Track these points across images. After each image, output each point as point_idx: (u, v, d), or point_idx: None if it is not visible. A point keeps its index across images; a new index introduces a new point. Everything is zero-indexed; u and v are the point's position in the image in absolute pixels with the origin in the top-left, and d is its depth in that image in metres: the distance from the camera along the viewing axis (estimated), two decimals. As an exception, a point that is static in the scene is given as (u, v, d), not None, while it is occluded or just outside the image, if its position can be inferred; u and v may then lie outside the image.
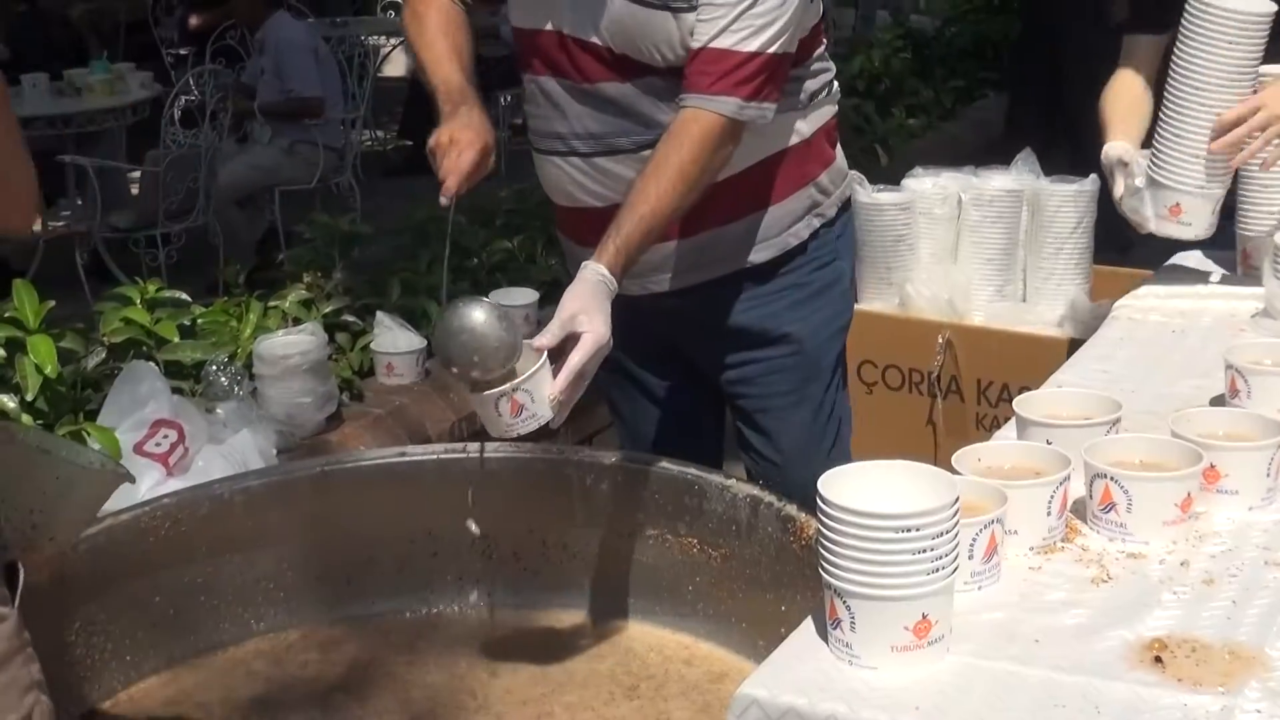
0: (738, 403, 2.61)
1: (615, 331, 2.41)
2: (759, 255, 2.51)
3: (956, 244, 3.65)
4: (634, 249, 2.25)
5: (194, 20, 8.95)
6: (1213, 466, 1.73)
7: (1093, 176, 3.61)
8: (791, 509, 2.04)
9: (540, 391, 2.03)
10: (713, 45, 2.28)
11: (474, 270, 4.14)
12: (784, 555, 1.98)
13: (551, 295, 3.96)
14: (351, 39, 8.39)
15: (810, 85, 2.48)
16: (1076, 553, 1.66)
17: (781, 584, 1.96)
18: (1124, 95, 2.85)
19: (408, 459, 2.32)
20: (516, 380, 2.03)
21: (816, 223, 2.52)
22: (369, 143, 8.53)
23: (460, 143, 2.32)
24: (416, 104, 8.45)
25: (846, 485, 1.47)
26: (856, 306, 2.85)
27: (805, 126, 2.48)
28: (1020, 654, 1.45)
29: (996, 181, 3.62)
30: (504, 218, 4.70)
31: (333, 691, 2.12)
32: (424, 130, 2.56)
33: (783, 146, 2.45)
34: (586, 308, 2.13)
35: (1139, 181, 2.53)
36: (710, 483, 2.20)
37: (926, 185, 3.63)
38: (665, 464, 2.30)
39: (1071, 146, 4.27)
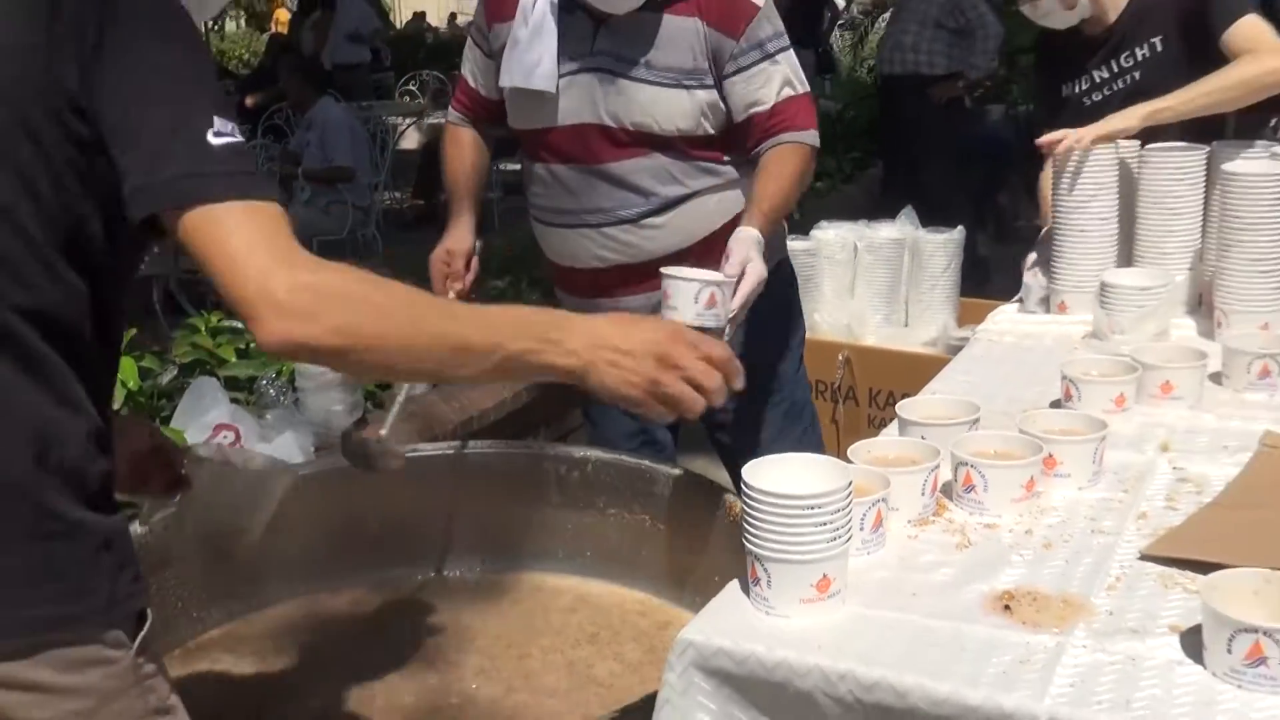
0: (716, 417, 2.53)
1: None
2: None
3: (854, 281, 3.75)
4: (772, 222, 2.35)
5: (250, 100, 8.93)
6: (1051, 456, 1.74)
7: (960, 227, 3.68)
8: (728, 492, 2.04)
9: (726, 300, 2.10)
10: (781, 98, 2.36)
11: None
12: (717, 528, 1.98)
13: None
14: (375, 119, 8.41)
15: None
16: (944, 524, 1.66)
17: (714, 551, 1.96)
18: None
19: (420, 454, 2.32)
20: (720, 278, 2.10)
21: (773, 263, 2.51)
22: (388, 201, 8.53)
23: (455, 255, 2.49)
24: (427, 171, 8.49)
25: (766, 473, 1.48)
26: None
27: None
28: (901, 604, 1.46)
29: (884, 232, 3.74)
30: (497, 262, 4.69)
31: (362, 634, 2.13)
32: (434, 192, 2.61)
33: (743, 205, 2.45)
34: (751, 254, 2.20)
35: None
36: (659, 471, 2.21)
37: (830, 235, 3.73)
38: (623, 457, 2.31)
39: (925, 202, 4.34)
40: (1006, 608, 1.43)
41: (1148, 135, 2.61)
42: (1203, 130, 2.68)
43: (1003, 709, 1.25)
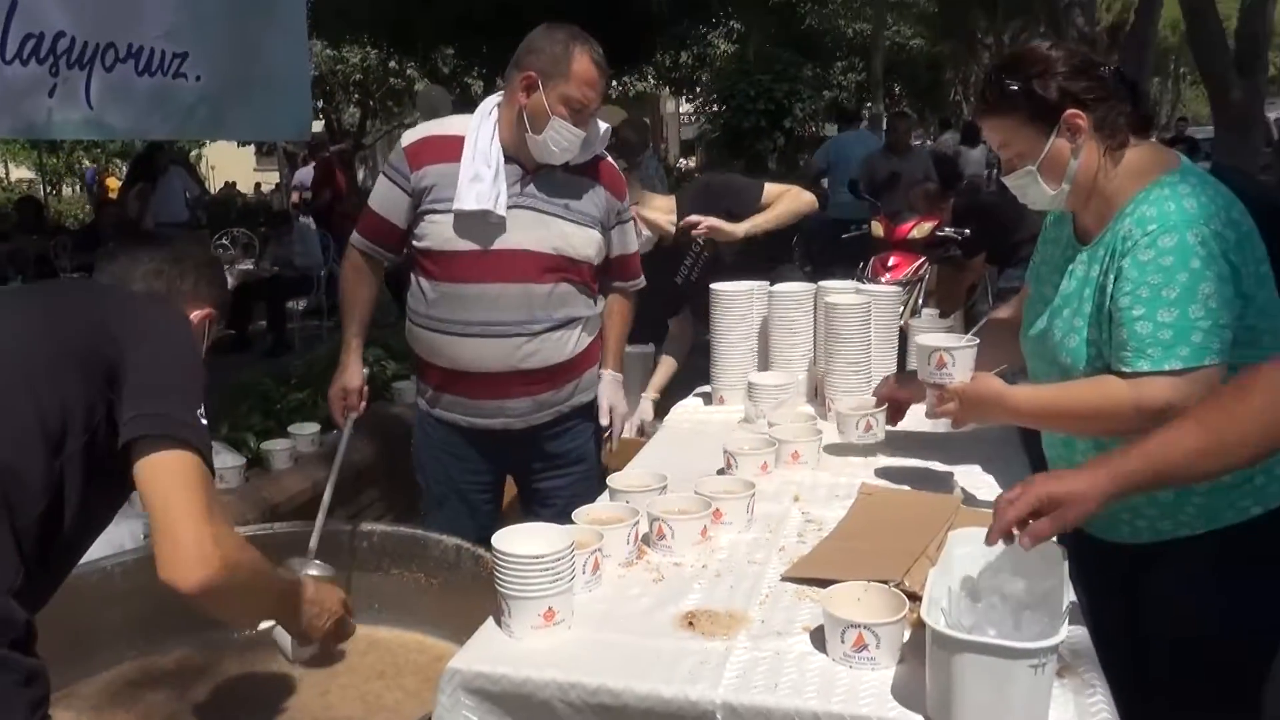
0: (549, 502, 2.49)
1: (456, 462, 2.44)
2: (584, 398, 2.49)
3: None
4: (618, 365, 2.57)
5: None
6: (718, 510, 1.79)
7: (651, 344, 3.73)
8: (480, 551, 2.01)
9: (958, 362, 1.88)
10: (631, 250, 2.55)
11: (277, 413, 3.88)
12: (478, 580, 1.95)
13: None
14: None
15: None
16: (645, 565, 1.67)
17: (474, 598, 1.92)
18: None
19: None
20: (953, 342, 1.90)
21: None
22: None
23: (351, 392, 2.42)
24: (237, 307, 7.99)
25: (514, 538, 1.48)
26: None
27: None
28: (615, 628, 1.47)
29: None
30: (297, 380, 4.38)
31: (188, 686, 1.96)
32: (244, 324, 2.48)
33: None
34: (615, 397, 2.54)
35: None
36: (430, 539, 2.15)
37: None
38: (401, 528, 2.24)
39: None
40: (690, 624, 1.46)
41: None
42: None
43: (689, 698, 1.28)
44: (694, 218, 3.10)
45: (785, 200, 3.21)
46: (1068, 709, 1.22)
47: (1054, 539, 1.34)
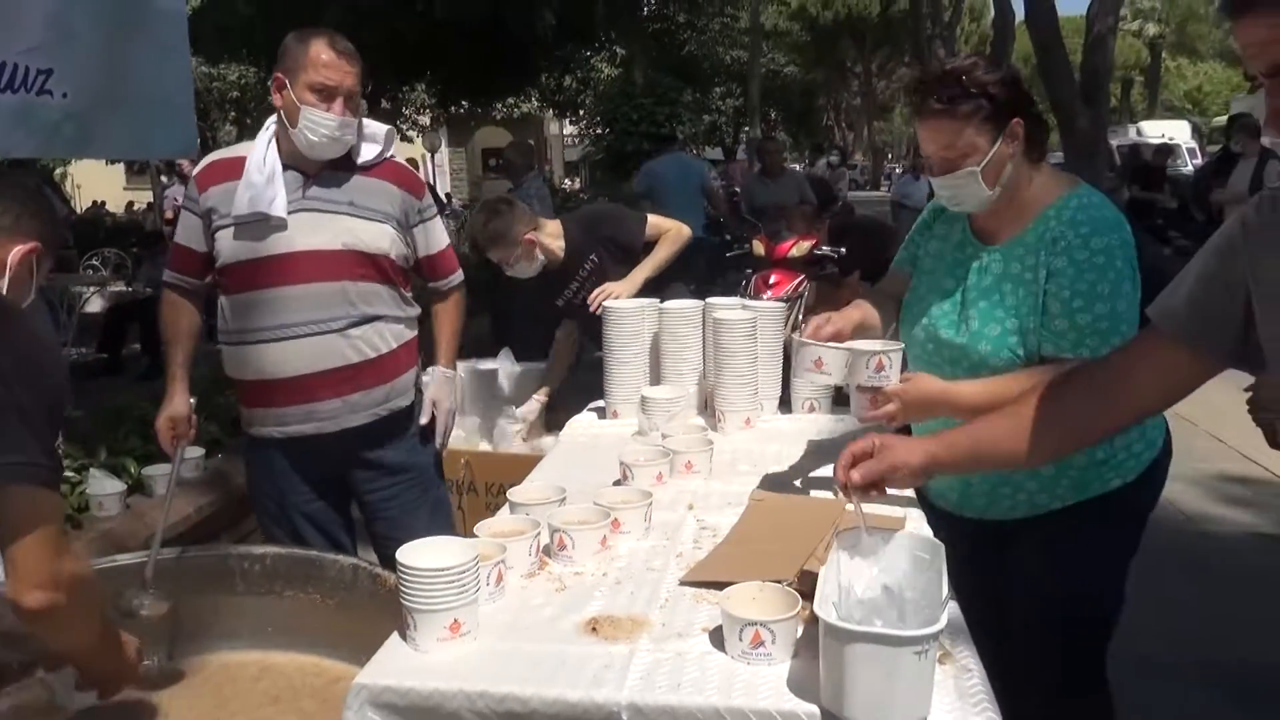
0: (382, 513, 2.47)
1: (285, 482, 2.40)
2: (401, 402, 2.46)
3: (465, 404, 3.71)
4: (453, 359, 2.59)
5: None
6: (617, 519, 1.81)
7: (546, 362, 3.75)
8: (378, 569, 1.99)
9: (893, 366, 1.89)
10: (432, 252, 2.50)
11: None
12: (376, 598, 1.92)
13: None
14: (60, 289, 7.53)
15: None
16: (547, 575, 1.68)
17: (370, 617, 1.88)
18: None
19: (117, 564, 2.10)
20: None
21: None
22: (74, 357, 7.60)
23: (178, 420, 2.39)
24: (110, 330, 7.76)
25: (418, 552, 1.48)
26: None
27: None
28: (520, 637, 1.47)
29: (485, 365, 3.72)
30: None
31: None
32: (117, 348, 2.42)
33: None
34: (442, 393, 2.52)
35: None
36: (326, 559, 2.10)
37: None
38: (295, 550, 2.19)
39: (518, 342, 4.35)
40: (594, 630, 1.47)
41: None
42: None
43: (595, 701, 1.30)
44: (592, 304, 3.18)
45: (666, 244, 3.38)
46: (948, 691, 1.29)
47: (933, 534, 1.43)
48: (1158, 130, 22.81)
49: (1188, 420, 5.06)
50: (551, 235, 3.30)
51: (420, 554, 1.48)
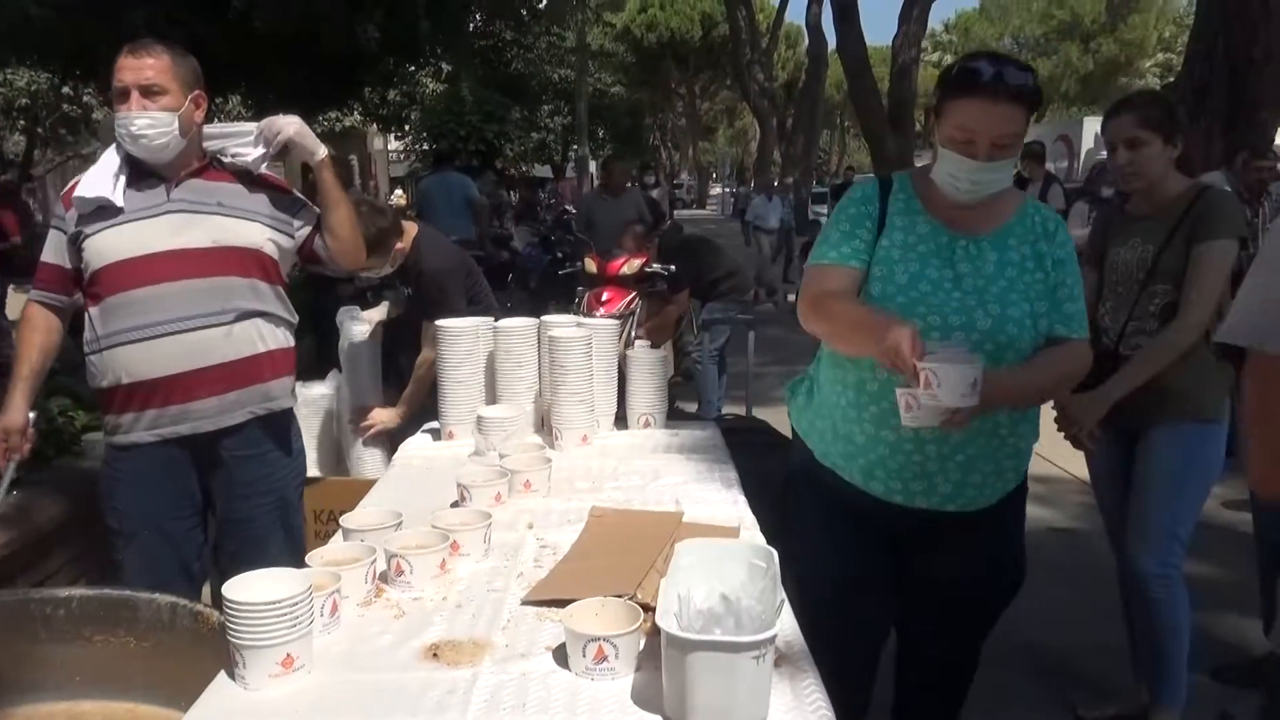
0: (238, 533, 2.39)
1: (149, 491, 2.31)
2: (278, 404, 2.42)
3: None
4: None
5: None
6: (456, 542, 1.80)
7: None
8: (199, 607, 1.89)
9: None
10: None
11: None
12: (199, 637, 1.82)
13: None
14: None
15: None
16: (384, 603, 1.65)
17: (196, 658, 1.80)
18: None
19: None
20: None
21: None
22: None
23: (11, 432, 2.29)
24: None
25: (246, 585, 1.42)
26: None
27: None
28: (357, 667, 1.44)
29: (317, 389, 3.57)
30: None
31: None
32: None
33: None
34: None
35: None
36: (140, 599, 1.96)
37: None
38: (106, 590, 2.03)
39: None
40: (435, 655, 1.46)
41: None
42: None
43: (439, 728, 1.28)
44: (358, 432, 3.28)
45: (420, 385, 3.33)
46: (785, 693, 1.34)
47: (763, 542, 1.48)
48: (958, 154, 24.40)
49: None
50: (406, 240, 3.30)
51: (249, 587, 1.42)
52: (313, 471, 3.49)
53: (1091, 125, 19.42)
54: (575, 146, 21.80)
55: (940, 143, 1.84)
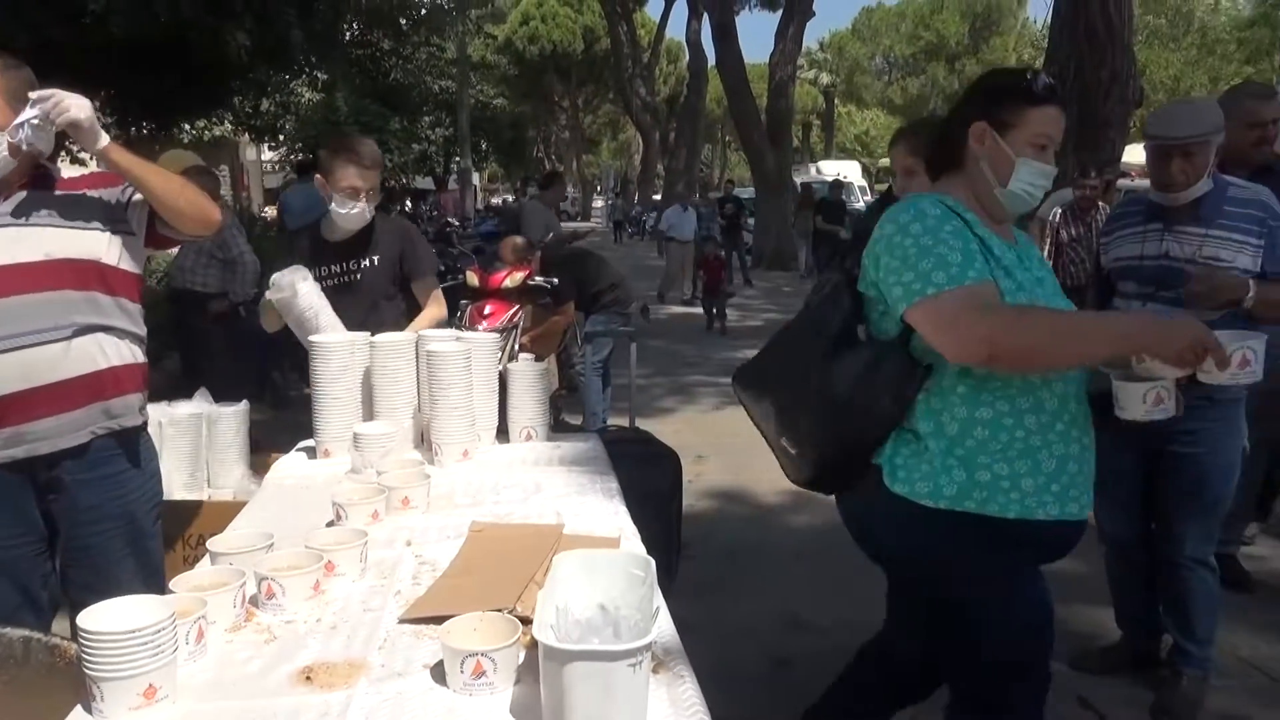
0: (84, 561, 2.25)
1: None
2: (125, 422, 2.29)
3: (161, 449, 3.41)
4: None
5: None
6: (330, 562, 1.75)
7: (245, 401, 3.53)
8: (55, 640, 1.79)
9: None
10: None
11: None
12: (54, 671, 1.73)
13: None
14: None
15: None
16: (254, 627, 1.61)
17: (49, 692, 1.71)
18: None
19: None
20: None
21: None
22: None
23: None
24: None
25: (103, 614, 1.37)
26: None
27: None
28: (224, 695, 1.39)
29: (183, 409, 3.45)
30: None
31: None
32: None
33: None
34: None
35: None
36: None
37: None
38: (-49, 628, 1.93)
39: (216, 383, 4.08)
40: (308, 679, 1.43)
41: None
42: None
43: (311, 753, 1.26)
44: None
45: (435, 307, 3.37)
46: (662, 700, 1.36)
47: (642, 551, 1.50)
48: (834, 169, 25.30)
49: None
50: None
51: (106, 616, 1.36)
52: (181, 495, 3.36)
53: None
54: (458, 158, 21.58)
55: (1017, 153, 1.86)
